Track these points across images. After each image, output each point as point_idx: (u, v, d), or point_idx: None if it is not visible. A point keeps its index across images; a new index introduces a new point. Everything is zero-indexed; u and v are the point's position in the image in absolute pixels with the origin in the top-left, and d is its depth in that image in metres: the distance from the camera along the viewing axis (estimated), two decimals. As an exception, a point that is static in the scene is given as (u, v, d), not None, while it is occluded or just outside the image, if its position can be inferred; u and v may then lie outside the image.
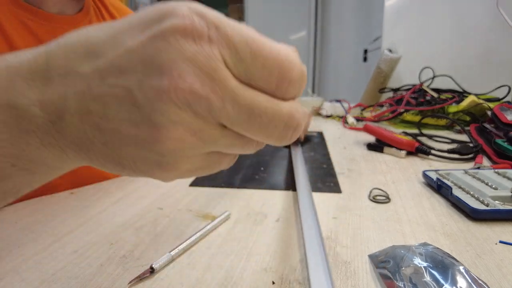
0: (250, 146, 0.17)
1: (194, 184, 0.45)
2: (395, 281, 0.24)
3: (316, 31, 2.30)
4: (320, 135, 0.76)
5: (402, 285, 0.24)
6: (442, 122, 0.82)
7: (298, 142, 0.61)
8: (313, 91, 2.34)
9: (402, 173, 0.50)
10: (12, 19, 0.42)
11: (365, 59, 1.94)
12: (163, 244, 0.31)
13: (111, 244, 0.31)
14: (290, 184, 0.45)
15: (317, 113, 1.05)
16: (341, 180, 0.47)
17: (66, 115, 0.15)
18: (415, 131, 0.75)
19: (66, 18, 0.47)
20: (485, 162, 0.55)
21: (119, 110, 0.14)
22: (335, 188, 0.43)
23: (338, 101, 1.03)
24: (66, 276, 0.26)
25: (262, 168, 0.52)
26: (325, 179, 0.47)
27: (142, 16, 0.15)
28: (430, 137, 0.71)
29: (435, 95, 0.90)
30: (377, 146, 0.63)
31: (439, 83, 0.98)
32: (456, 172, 0.45)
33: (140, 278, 0.25)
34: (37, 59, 0.15)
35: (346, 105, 1.01)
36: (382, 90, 1.08)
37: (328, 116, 1.01)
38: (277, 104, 0.15)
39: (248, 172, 0.50)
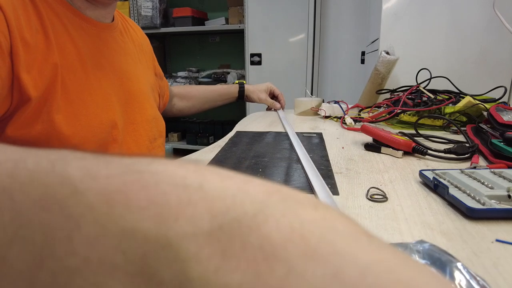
0: None
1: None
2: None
3: (315, 34, 2.31)
4: (320, 136, 0.77)
5: (401, 283, 0.24)
6: (439, 122, 0.82)
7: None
8: (311, 93, 2.35)
9: (399, 172, 0.50)
10: (76, 26, 0.55)
11: (362, 61, 1.95)
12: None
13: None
14: (289, 185, 0.45)
15: (316, 114, 1.06)
16: (339, 179, 0.47)
17: None
18: (412, 131, 0.75)
19: (107, 25, 0.62)
20: (481, 162, 0.56)
21: None
22: (332, 190, 0.44)
23: (337, 102, 1.04)
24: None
25: (260, 170, 0.52)
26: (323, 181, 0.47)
27: None
28: (427, 137, 0.72)
29: (432, 96, 0.90)
30: (375, 146, 0.63)
31: (435, 84, 0.99)
32: (453, 171, 0.45)
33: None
34: None
35: (344, 106, 1.01)
36: (379, 92, 1.09)
37: (326, 117, 1.02)
38: None
39: (246, 174, 0.50)
